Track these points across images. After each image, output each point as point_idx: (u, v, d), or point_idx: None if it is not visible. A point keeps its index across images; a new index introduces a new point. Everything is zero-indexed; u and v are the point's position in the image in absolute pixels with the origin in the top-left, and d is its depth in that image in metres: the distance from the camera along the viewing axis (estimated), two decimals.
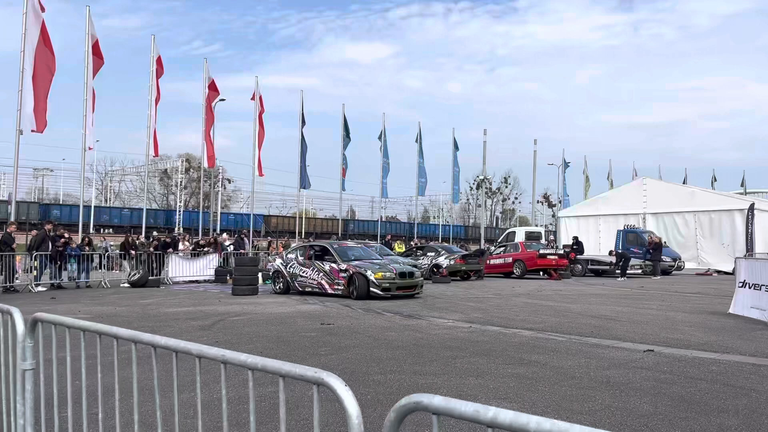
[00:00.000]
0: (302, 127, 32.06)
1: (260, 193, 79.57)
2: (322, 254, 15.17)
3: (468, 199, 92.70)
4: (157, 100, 25.48)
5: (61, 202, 67.51)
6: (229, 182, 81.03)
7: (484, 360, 6.82)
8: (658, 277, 23.49)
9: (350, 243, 17.76)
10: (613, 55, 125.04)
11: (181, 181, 67.02)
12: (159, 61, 24.56)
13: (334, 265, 14.36)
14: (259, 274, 17.06)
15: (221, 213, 63.47)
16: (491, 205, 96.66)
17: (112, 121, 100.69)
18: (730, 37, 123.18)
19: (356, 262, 14.25)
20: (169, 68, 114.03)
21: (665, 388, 5.49)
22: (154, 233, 25.16)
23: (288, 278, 15.30)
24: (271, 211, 76.86)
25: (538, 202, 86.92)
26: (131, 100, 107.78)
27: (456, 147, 40.39)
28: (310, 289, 14.86)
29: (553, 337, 8.50)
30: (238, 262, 16.07)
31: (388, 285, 13.60)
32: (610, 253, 24.78)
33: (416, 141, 37.21)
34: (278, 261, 15.94)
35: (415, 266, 18.50)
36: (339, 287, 14.13)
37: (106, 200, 76.03)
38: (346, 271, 14.02)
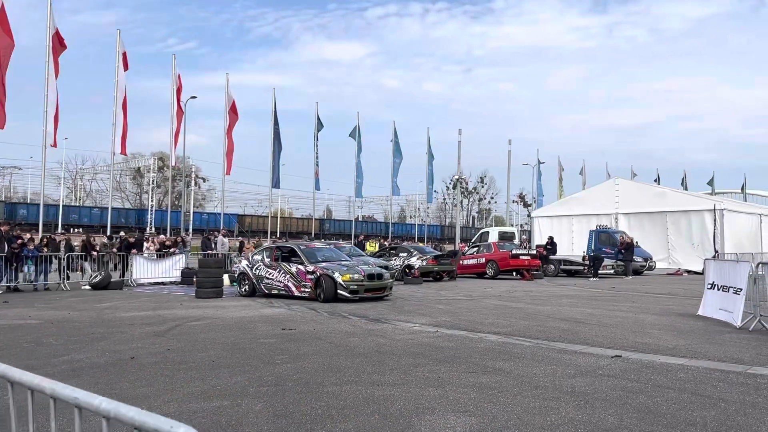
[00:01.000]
0: (275, 125, 31.55)
1: (235, 192, 78.67)
2: (290, 256, 14.78)
3: (444, 199, 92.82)
4: (125, 98, 24.82)
5: (28, 201, 65.84)
6: (204, 181, 79.99)
7: (447, 368, 6.53)
8: (630, 278, 23.52)
9: (318, 244, 17.39)
10: (587, 57, 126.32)
11: (153, 180, 65.86)
12: (125, 56, 23.88)
13: (301, 266, 13.98)
14: (225, 276, 16.60)
15: (194, 212, 62.54)
16: (467, 205, 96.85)
17: (84, 118, 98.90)
18: (702, 40, 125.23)
19: (324, 264, 13.88)
20: (143, 66, 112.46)
21: (631, 398, 5.26)
22: (121, 233, 24.48)
23: (254, 280, 14.87)
24: (247, 211, 76.01)
25: (513, 201, 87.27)
26: (105, 97, 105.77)
27: (430, 147, 40.23)
28: (276, 292, 14.46)
29: (520, 341, 8.25)
30: (202, 263, 15.57)
31: (356, 287, 13.27)
32: (584, 258, 24.74)
33: (391, 140, 36.93)
34: (244, 262, 15.50)
35: (386, 267, 18.20)
36: (306, 290, 13.76)
37: (77, 199, 74.44)
38: (313, 273, 13.65)
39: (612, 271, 24.68)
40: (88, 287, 17.21)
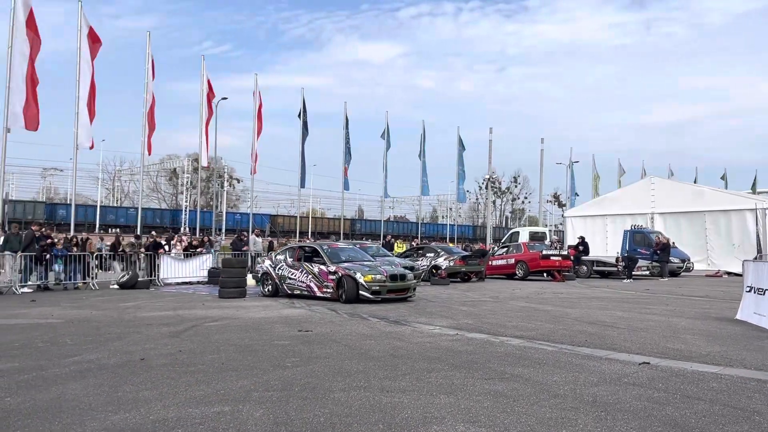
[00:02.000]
0: (303, 125, 31.53)
1: (268, 192, 79.36)
2: (312, 256, 14.62)
3: (477, 199, 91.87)
4: (153, 99, 25.05)
5: (68, 202, 67.38)
6: (238, 182, 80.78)
7: (462, 374, 6.23)
8: (666, 279, 22.78)
9: (342, 244, 17.20)
10: (624, 54, 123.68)
11: (189, 181, 66.77)
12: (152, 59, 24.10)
13: (323, 267, 13.80)
14: (249, 276, 16.54)
15: (228, 213, 63.15)
16: (501, 205, 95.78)
17: (123, 120, 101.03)
18: (743, 36, 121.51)
19: (346, 264, 13.68)
20: (179, 68, 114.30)
21: (657, 410, 4.89)
22: (153, 233, 24.71)
23: (277, 280, 14.76)
24: (280, 211, 76.53)
25: (547, 201, 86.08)
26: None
27: (461, 145, 39.75)
28: (299, 292, 14.31)
29: (543, 346, 7.89)
30: (225, 263, 15.53)
31: (378, 288, 13.02)
32: (617, 259, 24.01)
33: (420, 140, 36.58)
34: (267, 262, 15.40)
35: (412, 268, 17.94)
36: (328, 290, 13.58)
37: (115, 200, 75.95)
38: (335, 273, 13.46)
39: (647, 273, 23.95)
40: (116, 286, 17.36)
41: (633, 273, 22.64)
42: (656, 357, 7.12)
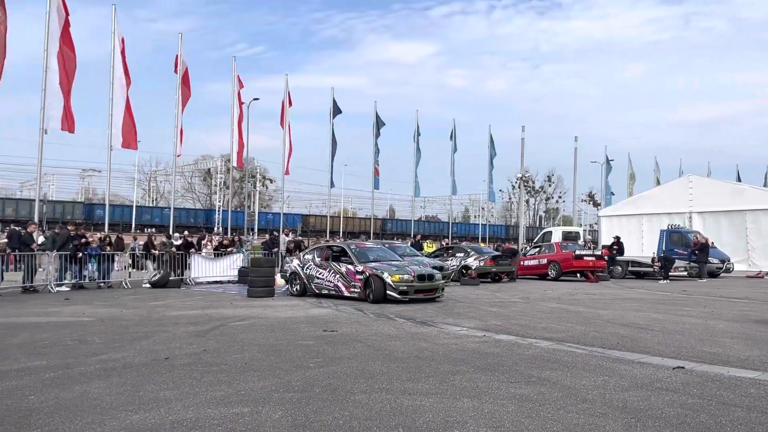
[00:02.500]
0: (332, 125, 31.60)
1: (300, 192, 79.88)
2: (340, 255, 14.58)
3: (510, 198, 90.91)
4: (185, 100, 25.35)
5: (104, 202, 68.75)
6: (271, 182, 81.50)
7: (487, 377, 6.08)
8: (704, 280, 22.14)
9: (370, 243, 17.12)
10: (661, 50, 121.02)
11: (222, 181, 67.58)
12: (176, 60, 24.39)
13: (350, 266, 13.74)
14: (278, 275, 16.58)
15: (260, 213, 63.77)
16: (534, 205, 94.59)
17: (162, 122, 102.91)
18: None
19: (373, 264, 13.59)
20: (214, 70, 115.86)
21: (691, 417, 4.67)
22: (186, 232, 25.03)
23: (305, 280, 14.76)
24: (312, 211, 76.98)
25: (582, 201, 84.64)
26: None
27: (492, 144, 39.36)
28: (326, 292, 14.28)
29: (573, 349, 7.67)
30: (254, 262, 15.60)
31: (405, 288, 12.91)
32: (653, 260, 23.37)
33: (450, 138, 36.32)
34: (295, 262, 15.41)
35: (441, 268, 17.77)
36: (355, 290, 13.51)
37: (151, 200, 77.40)
38: (362, 273, 13.38)
39: (685, 274, 23.32)
40: (147, 285, 17.60)
41: (670, 274, 22.07)
42: (691, 361, 6.85)
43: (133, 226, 55.85)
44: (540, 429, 4.40)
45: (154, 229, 54.99)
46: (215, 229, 50.88)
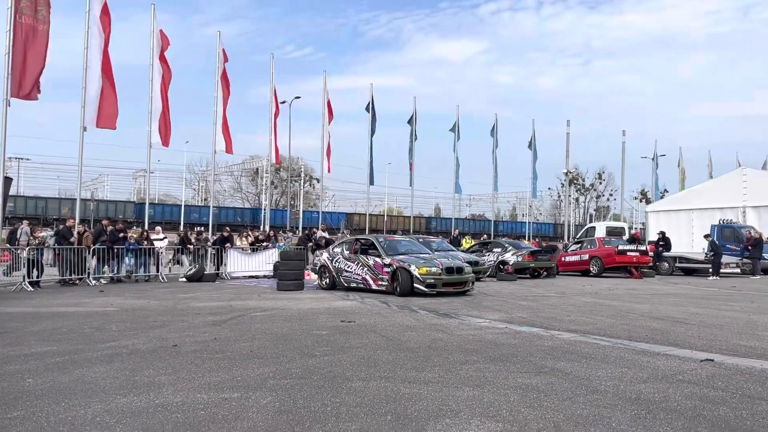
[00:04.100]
0: (372, 122, 31.46)
1: (346, 191, 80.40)
2: (369, 248, 14.38)
3: (560, 196, 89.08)
4: (226, 99, 25.60)
5: (156, 202, 70.70)
6: (317, 181, 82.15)
7: (497, 367, 5.77)
8: (758, 277, 21.01)
9: (399, 237, 16.87)
10: (719, 44, 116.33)
11: (270, 180, 68.50)
12: (224, 54, 24.60)
13: (378, 259, 13.54)
14: (310, 270, 16.52)
15: (305, 211, 64.38)
16: (585, 203, 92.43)
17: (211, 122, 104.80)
18: None
19: (401, 257, 13.34)
20: (263, 73, 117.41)
21: (708, 410, 4.27)
22: (227, 228, 25.28)
23: (334, 273, 14.63)
24: (357, 210, 77.23)
25: (634, 198, 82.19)
26: (236, 104, 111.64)
27: (534, 141, 38.57)
28: (355, 285, 14.12)
29: (596, 341, 7.27)
30: (283, 256, 15.57)
31: (433, 281, 12.61)
32: (706, 255, 22.00)
33: (491, 134, 35.69)
34: (325, 255, 15.31)
35: (476, 263, 17.39)
36: (383, 283, 13.30)
37: (201, 199, 79.11)
38: (390, 265, 13.15)
39: (737, 270, 22.20)
40: (183, 279, 17.81)
41: (721, 270, 21.02)
42: (723, 354, 6.37)
43: (182, 224, 57.11)
44: (538, 419, 4.10)
45: (203, 228, 55.94)
46: (261, 227, 51.58)
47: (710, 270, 21.10)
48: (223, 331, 8.07)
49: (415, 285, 12.58)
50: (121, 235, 17.36)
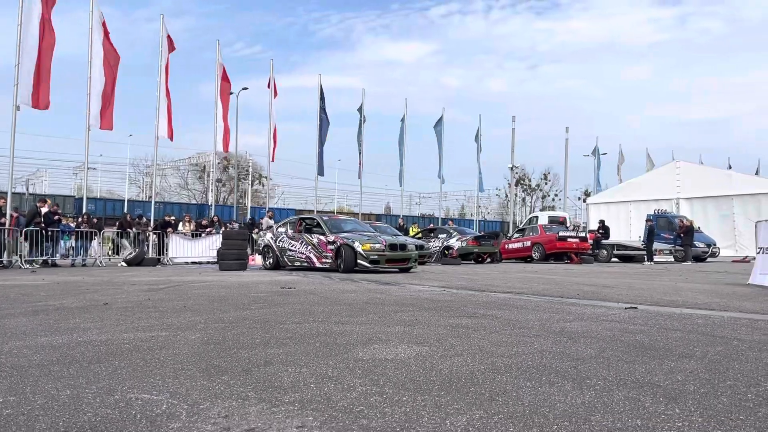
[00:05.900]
0: (320, 112, 31.34)
1: (296, 188, 79.73)
2: (313, 227, 14.35)
3: (507, 196, 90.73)
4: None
5: (98, 197, 68.53)
6: (266, 179, 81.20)
7: (430, 314, 5.86)
8: (689, 263, 21.95)
9: (343, 216, 16.89)
10: (659, 51, 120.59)
11: (218, 178, 67.37)
12: (169, 42, 24.08)
13: (322, 237, 13.53)
14: (257, 256, 16.34)
15: (252, 207, 63.57)
16: (531, 202, 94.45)
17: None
18: None
19: (345, 234, 13.37)
20: (212, 71, 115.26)
21: (626, 337, 4.47)
22: (170, 215, 24.70)
23: (277, 253, 14.53)
24: (307, 207, 76.76)
25: (578, 198, 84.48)
26: (183, 101, 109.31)
27: (479, 137, 39.22)
28: (299, 264, 14.06)
29: (530, 297, 7.47)
30: (225, 235, 15.37)
31: (376, 257, 12.69)
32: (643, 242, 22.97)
33: (434, 127, 36.06)
34: (269, 235, 15.19)
35: (422, 246, 17.55)
36: (327, 260, 13.29)
37: (146, 196, 77.09)
38: (333, 242, 13.16)
39: (671, 259, 23.15)
40: (123, 264, 17.35)
41: (654, 257, 21.87)
42: (647, 305, 6.65)
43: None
44: (464, 344, 4.19)
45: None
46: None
47: (645, 257, 21.94)
48: (158, 294, 7.91)
49: (358, 261, 12.63)
50: (56, 217, 16.78)
